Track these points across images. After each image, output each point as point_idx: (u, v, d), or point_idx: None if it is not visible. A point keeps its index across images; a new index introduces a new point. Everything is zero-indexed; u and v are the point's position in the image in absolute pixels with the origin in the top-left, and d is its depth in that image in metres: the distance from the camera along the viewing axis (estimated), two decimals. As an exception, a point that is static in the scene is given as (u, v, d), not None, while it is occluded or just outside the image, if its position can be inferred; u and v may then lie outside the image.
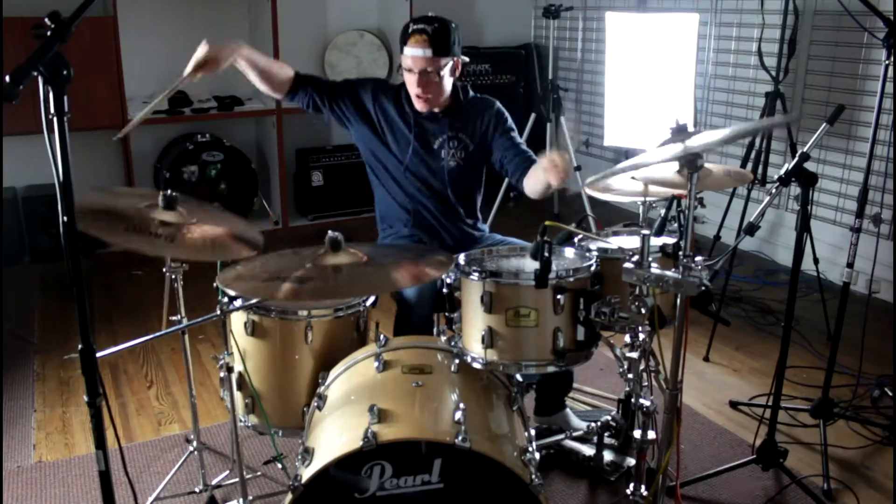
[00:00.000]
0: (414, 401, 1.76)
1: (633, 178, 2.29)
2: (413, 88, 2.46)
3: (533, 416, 2.62)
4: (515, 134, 2.61)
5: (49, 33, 1.29)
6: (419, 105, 2.50)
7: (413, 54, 2.40)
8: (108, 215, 1.86)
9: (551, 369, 1.88)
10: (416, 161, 2.55)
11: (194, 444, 2.38)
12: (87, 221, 1.72)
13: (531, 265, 1.82)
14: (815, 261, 3.38)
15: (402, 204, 2.61)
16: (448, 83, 2.49)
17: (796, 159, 2.18)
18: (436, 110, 2.53)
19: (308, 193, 5.16)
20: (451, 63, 2.46)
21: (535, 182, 2.39)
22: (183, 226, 1.90)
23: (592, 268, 1.89)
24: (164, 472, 2.45)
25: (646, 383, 1.93)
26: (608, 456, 2.41)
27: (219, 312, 1.98)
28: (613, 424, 2.29)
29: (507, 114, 2.62)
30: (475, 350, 1.89)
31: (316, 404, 1.87)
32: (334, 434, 1.70)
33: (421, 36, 2.38)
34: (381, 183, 2.64)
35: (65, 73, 1.29)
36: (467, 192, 2.65)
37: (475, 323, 1.88)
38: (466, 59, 2.55)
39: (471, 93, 2.62)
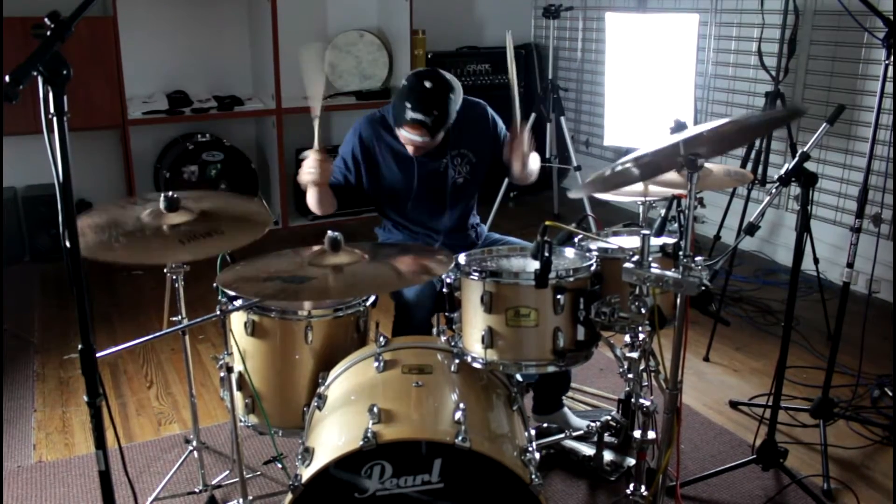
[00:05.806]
0: (414, 401, 1.76)
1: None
2: (408, 150, 2.42)
3: (531, 416, 2.62)
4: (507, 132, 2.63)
5: (49, 33, 1.29)
6: (414, 153, 2.45)
7: (410, 139, 2.34)
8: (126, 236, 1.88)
9: (551, 369, 1.88)
10: (422, 188, 2.51)
11: (194, 443, 2.38)
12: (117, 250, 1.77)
13: (531, 265, 1.82)
14: (815, 261, 3.38)
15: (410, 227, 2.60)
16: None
17: (796, 159, 2.18)
18: None
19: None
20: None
21: (512, 165, 2.48)
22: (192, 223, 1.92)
23: (592, 268, 1.90)
24: (163, 472, 2.45)
25: (646, 383, 1.94)
26: (608, 456, 2.41)
27: (219, 312, 1.98)
28: (613, 424, 2.29)
29: (497, 117, 2.62)
30: (475, 350, 1.89)
31: (316, 404, 1.87)
32: (334, 434, 1.70)
33: (418, 129, 2.30)
34: (389, 216, 2.63)
35: (64, 72, 1.29)
36: (468, 202, 2.64)
37: (475, 323, 1.88)
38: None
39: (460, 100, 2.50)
